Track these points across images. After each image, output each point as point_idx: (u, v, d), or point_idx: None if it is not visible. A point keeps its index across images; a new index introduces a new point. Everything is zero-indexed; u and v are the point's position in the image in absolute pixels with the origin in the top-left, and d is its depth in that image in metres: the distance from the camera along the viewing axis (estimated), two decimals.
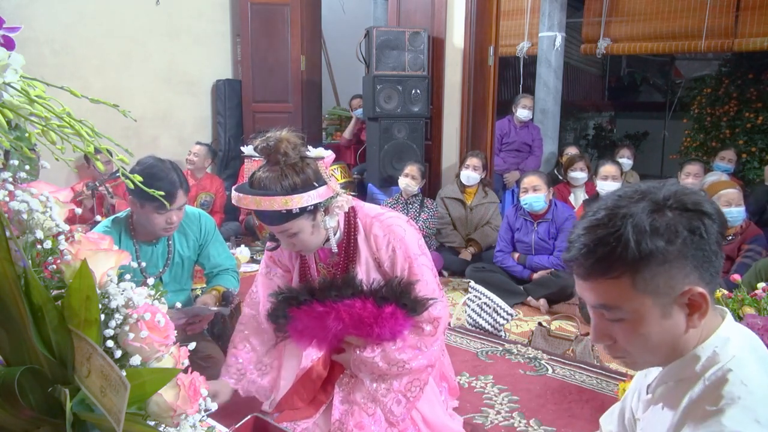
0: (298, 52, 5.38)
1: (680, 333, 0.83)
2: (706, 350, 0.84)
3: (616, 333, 0.86)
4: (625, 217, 0.79)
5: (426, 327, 1.75)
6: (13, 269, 0.68)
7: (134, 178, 0.83)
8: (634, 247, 0.78)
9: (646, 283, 0.80)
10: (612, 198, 0.84)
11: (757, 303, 2.10)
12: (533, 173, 3.75)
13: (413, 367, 1.72)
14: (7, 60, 0.73)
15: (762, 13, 5.79)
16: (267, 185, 1.54)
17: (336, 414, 1.76)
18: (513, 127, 5.39)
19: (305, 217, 1.59)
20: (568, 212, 3.70)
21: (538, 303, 3.45)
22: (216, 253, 2.35)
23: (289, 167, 1.55)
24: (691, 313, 0.82)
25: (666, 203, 0.80)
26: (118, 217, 2.18)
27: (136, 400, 0.75)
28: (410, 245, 1.74)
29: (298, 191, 1.54)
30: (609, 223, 0.80)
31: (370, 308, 1.66)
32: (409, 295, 1.69)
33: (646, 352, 0.86)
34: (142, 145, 4.75)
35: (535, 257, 3.64)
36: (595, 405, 2.25)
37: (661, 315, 0.82)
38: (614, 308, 0.83)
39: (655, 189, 0.82)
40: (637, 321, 0.83)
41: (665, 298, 0.81)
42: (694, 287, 0.80)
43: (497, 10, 4.78)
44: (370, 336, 1.68)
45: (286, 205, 1.52)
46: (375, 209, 1.82)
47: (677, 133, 8.15)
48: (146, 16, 4.80)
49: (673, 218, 0.79)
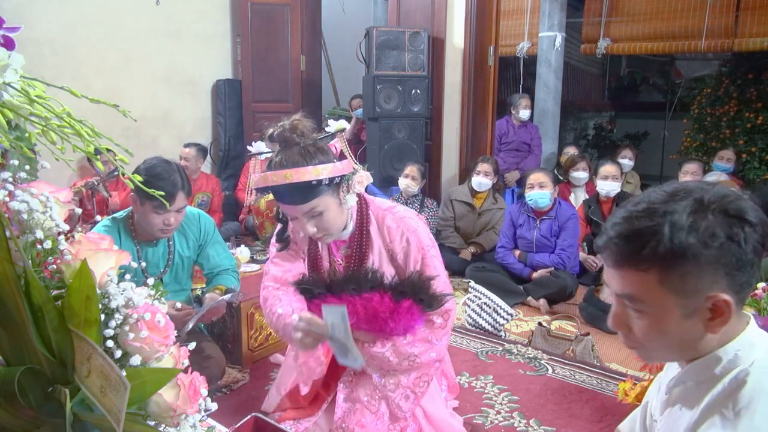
0: (298, 52, 5.38)
1: (699, 336, 0.83)
2: (728, 353, 0.83)
3: (635, 324, 0.86)
4: (666, 214, 0.79)
5: (437, 320, 1.74)
6: (13, 269, 0.68)
7: (134, 177, 0.83)
8: (668, 244, 0.78)
9: (674, 281, 0.79)
10: (656, 192, 0.83)
11: (757, 303, 2.10)
12: (539, 170, 3.74)
13: (423, 361, 1.71)
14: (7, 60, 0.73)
15: (762, 13, 5.78)
16: (291, 160, 1.53)
17: (339, 412, 1.75)
18: (511, 127, 5.40)
19: (331, 192, 1.59)
20: (571, 211, 3.70)
21: (538, 303, 3.45)
22: (215, 253, 2.34)
23: (309, 145, 1.57)
24: (712, 318, 0.81)
25: (709, 206, 0.79)
26: (116, 217, 2.17)
27: (136, 400, 0.75)
28: (423, 237, 1.75)
29: (324, 162, 1.54)
30: (648, 215, 0.80)
31: (387, 302, 1.64)
32: (427, 291, 1.68)
33: (661, 347, 0.86)
34: (142, 145, 4.75)
35: (536, 255, 3.64)
36: (595, 405, 2.25)
37: (682, 315, 0.81)
38: (637, 300, 0.83)
39: (701, 190, 0.81)
40: (657, 317, 0.82)
41: (690, 299, 0.80)
42: (720, 294, 0.79)
43: (497, 10, 4.78)
44: (383, 331, 1.66)
45: (317, 174, 1.51)
46: (386, 203, 1.83)
47: (677, 133, 8.15)
48: (146, 17, 4.80)
49: (713, 222, 0.78)
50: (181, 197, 2.04)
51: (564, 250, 3.59)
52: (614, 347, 2.88)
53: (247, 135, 5.36)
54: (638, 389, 2.02)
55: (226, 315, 2.50)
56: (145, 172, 2.01)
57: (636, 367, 2.54)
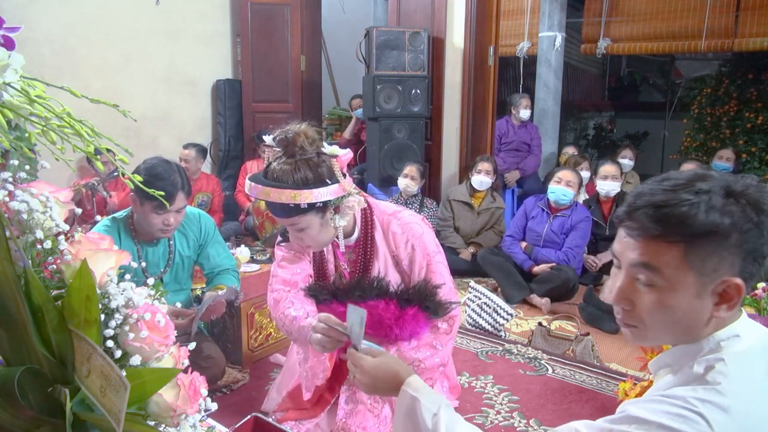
0: (298, 52, 5.38)
1: (703, 318, 0.84)
2: (711, 342, 0.85)
3: (641, 298, 0.86)
4: (702, 192, 0.80)
5: (441, 325, 1.75)
6: (13, 269, 0.68)
7: (134, 177, 0.83)
8: (703, 220, 0.79)
9: (697, 258, 0.80)
10: (693, 173, 0.85)
11: (757, 303, 2.11)
12: (570, 169, 3.77)
13: (427, 366, 1.71)
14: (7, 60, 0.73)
15: (762, 13, 5.79)
16: (279, 177, 1.53)
17: (340, 414, 1.75)
18: (511, 127, 5.39)
19: (314, 213, 1.58)
20: (585, 214, 3.73)
21: (540, 301, 3.45)
22: (215, 253, 2.34)
23: (303, 162, 1.54)
24: (720, 302, 0.82)
25: (740, 192, 0.81)
26: (116, 217, 2.17)
27: (136, 400, 0.75)
28: (428, 243, 1.75)
29: (309, 186, 1.52)
30: (688, 189, 0.81)
31: (392, 309, 1.64)
32: (433, 298, 1.68)
33: (662, 326, 0.86)
34: (142, 145, 4.75)
35: (543, 250, 3.66)
36: (595, 405, 2.25)
37: (694, 294, 0.82)
38: (656, 271, 0.83)
39: (733, 180, 0.83)
40: (669, 291, 0.83)
41: (707, 278, 0.81)
42: (735, 279, 0.81)
43: (497, 10, 4.78)
44: (388, 337, 1.67)
45: (294, 199, 1.50)
46: (391, 207, 1.82)
47: (677, 133, 8.15)
48: (146, 17, 4.80)
49: (744, 207, 0.80)
50: (181, 197, 2.04)
51: (571, 249, 3.61)
52: (614, 347, 2.88)
53: (247, 135, 5.36)
54: (638, 389, 2.02)
55: (225, 315, 2.50)
56: (145, 172, 2.00)
57: (636, 367, 2.54)
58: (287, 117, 5.42)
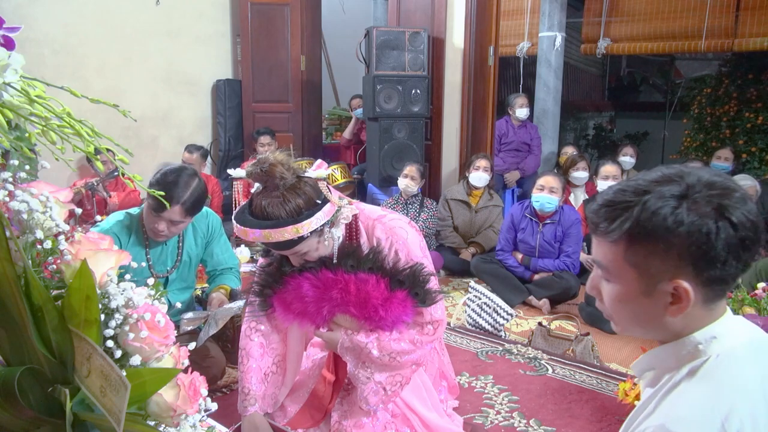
0: (298, 52, 5.38)
1: (658, 316, 0.85)
2: (688, 345, 0.85)
3: (603, 290, 0.91)
4: (646, 193, 0.82)
5: (427, 327, 1.74)
6: (13, 269, 0.68)
7: (134, 177, 0.83)
8: (635, 222, 0.81)
9: (638, 258, 0.82)
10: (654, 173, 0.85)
11: (757, 303, 2.11)
12: (553, 175, 3.69)
13: (403, 361, 1.69)
14: (7, 60, 0.73)
15: (762, 13, 5.78)
16: (271, 214, 1.50)
17: (335, 416, 1.76)
18: (511, 127, 5.39)
19: (314, 236, 1.58)
20: (575, 216, 3.64)
21: (540, 303, 3.45)
22: (220, 251, 2.38)
23: (289, 191, 1.52)
24: (672, 303, 0.83)
25: (693, 194, 0.79)
26: (131, 212, 2.20)
27: (136, 400, 0.75)
28: (412, 248, 1.72)
29: (304, 215, 1.51)
30: (632, 191, 0.84)
31: (382, 289, 1.62)
32: (424, 285, 1.67)
33: (625, 319, 0.90)
34: (142, 145, 4.76)
35: (540, 261, 3.59)
36: (595, 405, 2.25)
37: (642, 292, 0.84)
38: (603, 267, 0.88)
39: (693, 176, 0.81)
40: (618, 288, 0.87)
41: (651, 279, 0.83)
42: (682, 282, 0.80)
43: (497, 10, 4.78)
44: (371, 318, 1.64)
45: (297, 233, 1.50)
46: (376, 211, 1.80)
47: (677, 133, 8.15)
48: (146, 16, 4.80)
49: (687, 210, 0.78)
50: (176, 211, 2.02)
51: (569, 256, 3.54)
52: (614, 347, 2.88)
53: (247, 135, 5.36)
54: (638, 389, 2.02)
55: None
56: (161, 173, 2.04)
57: None
58: (287, 117, 5.45)
